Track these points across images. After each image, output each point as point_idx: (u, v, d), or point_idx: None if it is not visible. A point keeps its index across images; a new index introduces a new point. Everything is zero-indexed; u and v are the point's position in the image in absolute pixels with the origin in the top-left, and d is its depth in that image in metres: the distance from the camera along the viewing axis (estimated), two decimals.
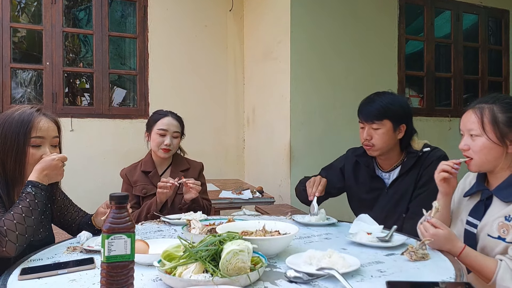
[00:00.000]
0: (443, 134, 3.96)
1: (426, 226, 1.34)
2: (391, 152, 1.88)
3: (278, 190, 3.53)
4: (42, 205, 1.34)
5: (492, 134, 1.33)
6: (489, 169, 1.38)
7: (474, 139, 1.37)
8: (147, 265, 1.19)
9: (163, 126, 2.09)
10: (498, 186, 1.36)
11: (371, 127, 1.83)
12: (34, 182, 1.33)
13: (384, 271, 1.15)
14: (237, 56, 4.37)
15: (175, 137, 2.11)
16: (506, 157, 1.35)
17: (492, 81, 4.50)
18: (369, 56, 3.73)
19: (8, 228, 1.24)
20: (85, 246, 1.39)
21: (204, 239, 1.13)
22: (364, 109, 1.87)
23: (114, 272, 0.83)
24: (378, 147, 1.84)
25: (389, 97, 1.86)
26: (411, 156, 1.86)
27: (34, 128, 1.39)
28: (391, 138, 1.83)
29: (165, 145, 2.07)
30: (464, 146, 1.40)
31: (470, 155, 1.38)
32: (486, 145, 1.34)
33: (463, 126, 1.42)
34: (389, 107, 1.82)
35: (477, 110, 1.38)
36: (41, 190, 1.33)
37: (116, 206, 0.87)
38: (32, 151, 1.39)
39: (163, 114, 2.15)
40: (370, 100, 1.87)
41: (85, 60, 5.93)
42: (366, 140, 1.85)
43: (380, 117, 1.81)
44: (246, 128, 4.39)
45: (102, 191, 3.29)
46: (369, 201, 1.94)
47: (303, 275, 1.07)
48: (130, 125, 3.93)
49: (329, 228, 1.70)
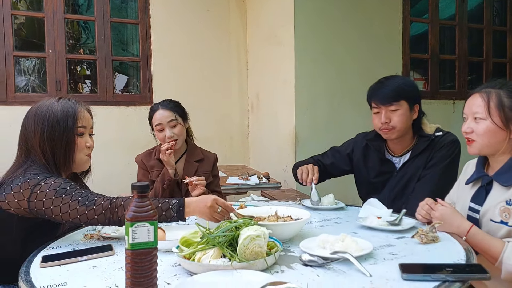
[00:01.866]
0: (447, 117, 3.96)
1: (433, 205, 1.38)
2: (406, 135, 1.89)
3: (283, 175, 3.56)
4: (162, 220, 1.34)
5: (497, 118, 1.34)
6: (489, 152, 1.39)
7: (478, 122, 1.38)
8: (164, 251, 1.22)
9: (157, 122, 2.07)
10: (498, 171, 1.38)
11: (389, 110, 1.82)
12: (182, 204, 1.34)
13: (396, 254, 1.18)
14: (240, 41, 4.35)
15: (173, 126, 2.07)
16: (508, 142, 1.36)
17: (496, 63, 4.47)
18: (373, 39, 3.70)
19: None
20: (102, 234, 1.42)
21: (220, 225, 1.16)
22: (379, 91, 1.86)
23: (139, 259, 0.86)
24: (398, 128, 1.83)
25: (400, 79, 1.90)
26: (424, 140, 1.87)
27: (79, 118, 1.45)
28: (408, 118, 1.84)
29: (167, 138, 2.05)
30: (467, 129, 1.41)
31: (473, 137, 1.39)
32: (490, 129, 1.35)
33: (467, 110, 1.43)
34: (403, 87, 1.83)
35: (484, 94, 1.39)
36: (174, 214, 1.33)
37: (138, 195, 0.89)
38: (79, 139, 1.45)
39: (154, 109, 2.12)
40: (382, 84, 1.87)
41: (86, 47, 5.89)
42: (385, 124, 1.83)
43: (397, 98, 1.81)
44: (250, 113, 4.39)
45: (108, 179, 3.32)
46: (378, 184, 1.96)
47: (317, 258, 1.10)
48: (134, 112, 3.93)
49: (338, 213, 1.73)
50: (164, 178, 1.99)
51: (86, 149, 1.48)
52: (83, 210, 1.29)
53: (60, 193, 1.30)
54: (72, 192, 1.31)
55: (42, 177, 1.33)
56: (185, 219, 1.35)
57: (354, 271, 1.04)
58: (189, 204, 1.34)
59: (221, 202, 1.36)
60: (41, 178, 1.32)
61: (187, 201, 1.35)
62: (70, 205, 1.29)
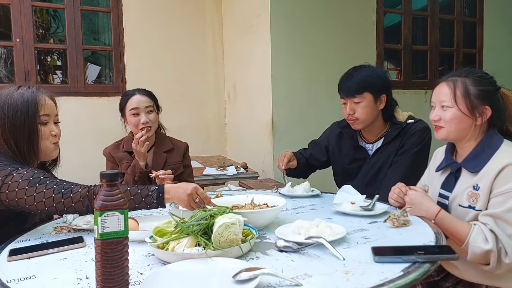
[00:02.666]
0: (420, 106, 4.04)
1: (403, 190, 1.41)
2: (375, 123, 1.93)
3: (261, 165, 3.56)
4: (141, 207, 1.32)
5: (463, 106, 1.37)
6: (456, 139, 1.43)
7: (445, 110, 1.41)
8: (137, 242, 1.21)
9: (133, 105, 2.02)
10: (466, 158, 1.42)
11: (353, 102, 1.88)
12: (162, 190, 1.31)
13: (369, 237, 1.20)
14: (215, 30, 4.30)
15: (149, 111, 2.04)
16: (474, 129, 1.40)
17: (466, 53, 4.59)
18: (348, 30, 3.73)
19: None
20: (73, 226, 1.38)
21: (195, 214, 1.15)
22: (344, 84, 1.91)
23: (109, 249, 0.84)
24: (361, 120, 1.89)
25: (366, 70, 1.89)
26: (395, 127, 1.91)
27: (41, 106, 1.40)
28: (373, 109, 1.88)
29: (142, 124, 2.01)
30: (435, 117, 1.44)
31: (440, 124, 1.43)
32: (457, 116, 1.38)
33: (435, 98, 1.46)
34: (368, 79, 1.86)
35: (450, 82, 1.41)
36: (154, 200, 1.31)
37: (107, 183, 0.86)
38: (42, 128, 1.40)
39: (130, 94, 2.08)
40: (349, 75, 1.91)
41: (56, 36, 5.70)
42: (350, 115, 1.90)
43: (360, 91, 1.85)
44: (227, 104, 4.37)
45: (81, 171, 3.24)
46: (352, 170, 2.01)
47: (292, 244, 1.11)
48: (107, 103, 3.84)
49: (314, 199, 1.75)
50: (135, 170, 1.94)
51: (51, 138, 1.43)
52: (59, 198, 1.25)
53: (33, 182, 1.26)
54: (46, 181, 1.28)
55: (13, 168, 1.28)
56: (165, 205, 1.33)
57: (328, 255, 1.05)
58: (169, 191, 1.32)
59: (200, 192, 1.34)
60: (13, 168, 1.28)
61: (167, 187, 1.33)
62: (45, 193, 1.25)
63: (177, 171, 2.07)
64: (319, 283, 0.90)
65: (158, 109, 2.13)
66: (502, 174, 1.28)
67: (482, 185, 1.33)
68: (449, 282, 1.46)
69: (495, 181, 1.29)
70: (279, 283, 0.89)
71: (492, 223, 1.26)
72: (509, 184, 1.26)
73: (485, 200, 1.32)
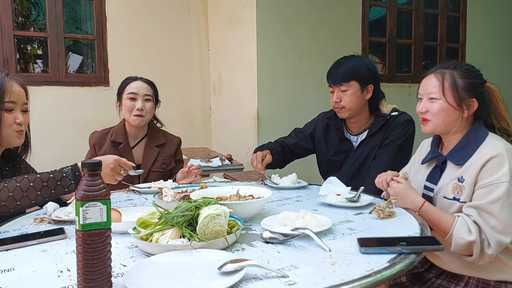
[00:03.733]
0: (403, 99, 4.09)
1: (388, 180, 1.41)
2: (361, 114, 1.95)
3: (247, 157, 3.55)
4: (60, 192, 1.29)
5: (451, 98, 1.38)
6: (443, 131, 1.44)
7: (433, 102, 1.41)
8: (120, 233, 1.18)
9: (132, 90, 1.99)
10: (451, 151, 1.43)
11: (340, 90, 1.90)
12: (77, 169, 1.28)
13: (354, 229, 1.21)
14: (200, 20, 4.23)
15: (147, 100, 2.00)
16: (460, 121, 1.41)
17: (449, 47, 4.64)
18: (333, 22, 3.73)
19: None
20: (53, 217, 1.35)
21: (180, 205, 1.13)
22: (332, 73, 1.93)
23: (91, 240, 0.81)
24: (347, 108, 1.90)
25: (355, 60, 1.92)
26: (380, 119, 1.93)
27: (6, 92, 1.36)
28: (359, 99, 1.90)
29: (136, 110, 1.96)
30: (422, 109, 1.43)
31: (428, 117, 1.43)
32: (444, 108, 1.39)
33: (422, 90, 1.45)
34: (355, 68, 1.88)
35: (439, 74, 1.42)
36: (71, 181, 1.28)
37: (89, 173, 0.84)
38: (6, 115, 1.37)
39: (132, 79, 2.05)
40: (338, 64, 1.93)
41: (36, 24, 5.53)
42: (336, 103, 1.92)
43: (347, 79, 1.88)
44: (212, 95, 4.33)
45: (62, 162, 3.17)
46: (337, 162, 2.02)
47: (278, 235, 1.10)
48: (89, 93, 3.76)
49: (300, 191, 1.74)
50: None
51: (15, 125, 1.40)
52: None
53: None
54: None
55: None
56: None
57: (314, 247, 1.05)
58: None
59: (123, 162, 1.31)
60: None
61: None
62: None
63: (168, 165, 2.04)
64: (305, 274, 0.89)
65: (157, 102, 2.09)
66: (487, 166, 1.30)
67: (467, 177, 1.34)
68: (432, 273, 1.47)
69: (480, 173, 1.31)
70: (265, 274, 0.88)
71: (476, 215, 1.28)
72: (493, 176, 1.28)
73: (469, 192, 1.33)
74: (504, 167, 1.27)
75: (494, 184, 1.27)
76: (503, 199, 1.26)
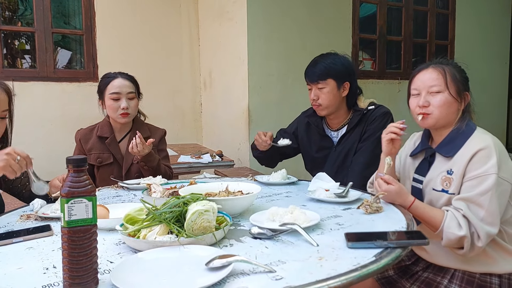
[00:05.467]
0: (393, 96, 4.12)
1: (380, 183, 1.41)
2: (339, 111, 1.99)
3: (237, 154, 3.55)
4: None
5: (453, 90, 1.40)
6: (444, 124, 1.44)
7: (435, 95, 1.41)
8: (108, 230, 1.17)
9: (114, 89, 1.96)
10: (440, 143, 1.45)
11: (317, 87, 1.94)
12: None
13: (342, 224, 1.21)
14: (191, 16, 4.21)
15: (131, 98, 1.99)
16: (457, 114, 1.43)
17: (439, 44, 4.68)
18: (324, 19, 3.73)
19: None
20: (40, 214, 1.33)
21: (168, 201, 1.12)
22: (309, 71, 1.97)
23: (76, 237, 0.81)
24: (324, 106, 1.94)
25: (331, 57, 1.95)
26: (357, 114, 1.98)
27: None
28: (335, 96, 1.93)
29: (122, 109, 1.96)
30: (425, 103, 1.42)
31: (429, 111, 1.42)
32: (448, 100, 1.40)
33: (421, 84, 1.44)
34: (331, 66, 1.92)
35: (439, 68, 1.43)
36: None
37: (74, 169, 0.83)
38: None
39: (112, 76, 2.01)
40: (314, 62, 1.97)
41: (24, 19, 5.44)
42: (314, 100, 1.96)
43: (323, 77, 1.91)
44: (203, 91, 4.31)
45: (51, 158, 3.14)
46: (320, 159, 2.05)
47: (266, 231, 1.10)
48: (78, 88, 3.72)
49: (289, 187, 1.75)
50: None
51: None
52: None
53: None
54: None
55: None
56: None
57: (302, 242, 1.05)
58: None
59: (19, 150, 1.29)
60: None
61: None
62: None
63: None
64: (293, 269, 0.89)
65: (139, 96, 2.08)
66: (475, 158, 1.32)
67: (455, 169, 1.36)
68: (419, 266, 1.49)
69: (468, 166, 1.33)
70: (253, 270, 0.88)
71: (465, 208, 1.29)
72: (481, 169, 1.30)
73: (458, 184, 1.35)
74: (492, 159, 1.29)
75: (482, 176, 1.29)
76: (492, 191, 1.28)
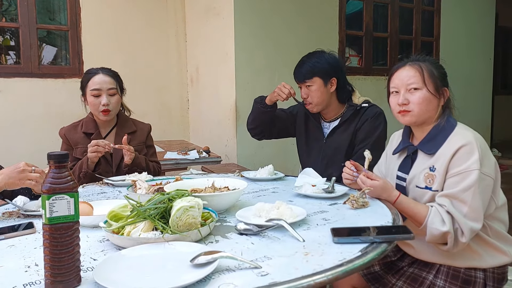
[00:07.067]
0: (379, 92, 4.12)
1: (363, 179, 1.42)
2: (330, 106, 2.03)
3: (225, 150, 3.54)
4: None
5: (431, 86, 1.41)
6: (423, 121, 1.45)
7: (414, 93, 1.41)
8: (92, 227, 1.16)
9: (95, 86, 1.93)
10: (422, 141, 1.46)
11: (305, 86, 1.98)
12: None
13: (328, 219, 1.22)
14: (177, 12, 4.17)
15: (112, 94, 1.96)
16: (437, 110, 1.44)
17: (424, 41, 4.73)
18: (311, 15, 3.73)
19: None
20: (23, 211, 1.31)
21: (153, 197, 1.11)
22: (297, 71, 2.02)
23: (58, 234, 0.79)
24: (315, 103, 1.98)
25: (316, 56, 1.99)
26: (350, 109, 2.01)
27: None
28: (323, 93, 1.97)
29: (102, 106, 1.93)
30: (404, 101, 1.43)
31: (410, 108, 1.43)
32: (427, 97, 1.40)
33: (399, 82, 1.45)
34: (316, 65, 1.96)
35: (416, 65, 1.44)
36: None
37: (55, 165, 0.81)
38: None
39: (93, 72, 1.98)
40: (301, 63, 2.02)
41: (8, 14, 5.32)
42: (305, 99, 2.01)
43: (309, 76, 1.96)
44: (190, 87, 4.28)
45: (36, 155, 3.09)
46: (313, 150, 2.09)
47: (252, 227, 1.10)
48: (63, 85, 3.66)
49: (276, 183, 1.75)
50: (81, 169, 1.87)
51: None
52: None
53: None
54: None
55: None
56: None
57: (288, 237, 1.05)
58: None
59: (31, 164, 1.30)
60: None
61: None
62: None
63: (140, 152, 2.02)
64: (279, 265, 0.89)
65: (122, 91, 2.05)
66: (457, 155, 1.32)
67: (438, 166, 1.37)
68: (405, 262, 1.51)
69: (451, 162, 1.34)
70: (238, 266, 0.88)
71: (449, 204, 1.30)
72: (464, 165, 1.31)
73: (441, 181, 1.36)
74: (474, 156, 1.30)
75: (465, 173, 1.30)
76: (474, 187, 1.29)
